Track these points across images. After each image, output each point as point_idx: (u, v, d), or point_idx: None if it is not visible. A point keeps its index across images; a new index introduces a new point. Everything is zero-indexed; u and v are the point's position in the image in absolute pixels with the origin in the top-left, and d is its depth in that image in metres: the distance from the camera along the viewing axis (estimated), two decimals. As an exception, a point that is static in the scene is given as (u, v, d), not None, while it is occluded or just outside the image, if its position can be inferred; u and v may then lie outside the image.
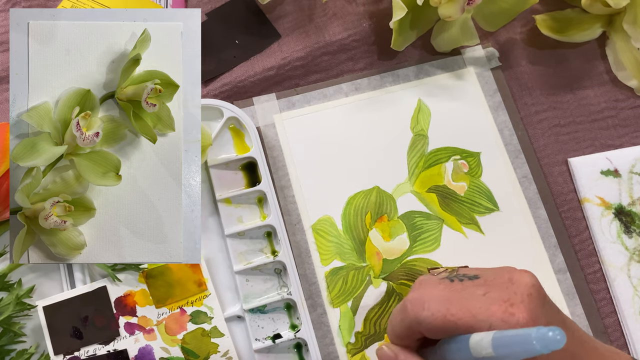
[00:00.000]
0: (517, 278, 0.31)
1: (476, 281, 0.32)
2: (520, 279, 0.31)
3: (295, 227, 0.44)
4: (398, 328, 0.33)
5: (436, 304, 0.31)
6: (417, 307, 0.31)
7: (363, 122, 0.47)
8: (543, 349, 0.25)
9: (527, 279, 0.31)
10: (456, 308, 0.30)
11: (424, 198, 0.45)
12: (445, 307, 0.30)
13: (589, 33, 0.49)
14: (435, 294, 0.32)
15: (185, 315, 0.41)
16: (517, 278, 0.31)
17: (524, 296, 0.30)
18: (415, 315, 0.31)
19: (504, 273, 0.32)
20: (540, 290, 0.31)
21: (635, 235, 0.44)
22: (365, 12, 0.50)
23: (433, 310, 0.30)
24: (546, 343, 0.25)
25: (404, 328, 0.32)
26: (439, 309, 0.30)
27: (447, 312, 0.30)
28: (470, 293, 0.31)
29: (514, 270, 0.32)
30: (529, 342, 0.26)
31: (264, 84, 0.48)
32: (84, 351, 0.40)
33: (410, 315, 0.31)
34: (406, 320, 0.32)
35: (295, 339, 0.41)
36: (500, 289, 0.31)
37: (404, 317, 0.32)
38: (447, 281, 0.33)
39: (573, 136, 0.48)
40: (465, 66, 0.49)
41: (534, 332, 0.26)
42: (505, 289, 0.31)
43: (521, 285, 0.31)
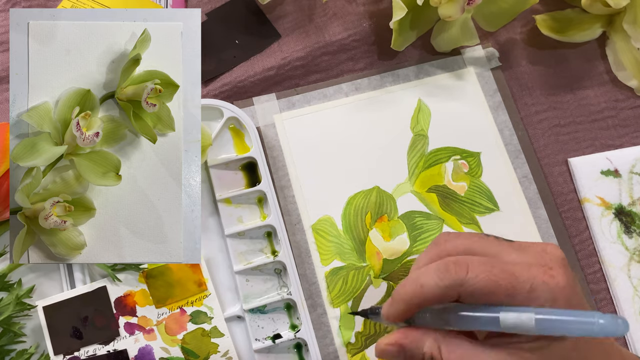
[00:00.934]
0: (550, 249, 0.32)
1: (511, 243, 0.32)
2: (554, 251, 0.31)
3: (295, 227, 0.44)
4: (433, 289, 0.31)
5: (478, 265, 0.30)
6: (462, 268, 0.30)
7: (363, 122, 0.47)
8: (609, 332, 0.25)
9: (560, 252, 0.31)
10: (498, 269, 0.30)
11: (424, 198, 0.45)
12: (488, 268, 0.30)
13: (589, 33, 0.49)
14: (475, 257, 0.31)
15: (185, 315, 0.41)
16: (550, 249, 0.31)
17: (560, 264, 0.30)
18: (459, 277, 0.30)
19: (537, 244, 0.32)
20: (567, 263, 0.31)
21: (635, 235, 0.44)
22: (365, 12, 0.50)
23: (478, 272, 0.30)
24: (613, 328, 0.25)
25: (442, 288, 0.31)
26: (483, 270, 0.30)
27: (489, 273, 0.29)
28: (508, 256, 0.31)
29: (547, 244, 0.32)
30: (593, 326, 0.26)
31: (264, 84, 0.48)
32: (84, 351, 0.40)
33: (453, 275, 0.30)
34: (447, 280, 0.30)
35: (295, 339, 0.41)
36: (535, 256, 0.31)
37: (445, 277, 0.31)
38: (483, 235, 0.33)
39: (573, 136, 0.48)
40: (465, 66, 0.49)
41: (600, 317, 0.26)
42: (540, 258, 0.31)
43: (555, 255, 0.31)
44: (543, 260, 0.30)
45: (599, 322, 0.26)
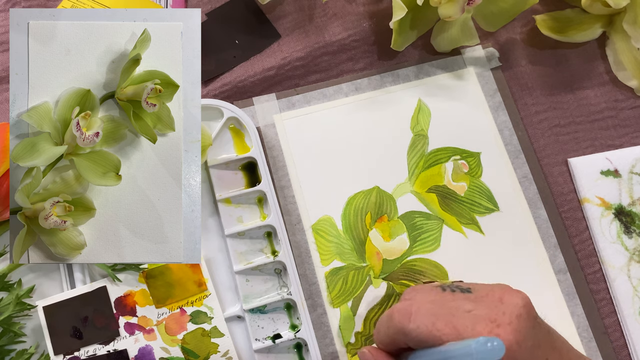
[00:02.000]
0: (507, 298, 0.31)
1: (467, 295, 0.32)
2: (511, 300, 0.31)
3: (295, 227, 0.44)
4: (383, 335, 0.33)
5: (423, 316, 0.30)
6: (404, 318, 0.31)
7: (363, 122, 0.47)
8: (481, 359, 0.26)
9: (518, 299, 0.31)
10: (442, 323, 0.30)
11: (424, 198, 0.45)
12: (432, 321, 0.30)
13: (589, 33, 0.49)
14: (424, 305, 0.31)
15: (185, 315, 0.41)
16: (508, 298, 0.31)
17: (512, 317, 0.30)
18: (401, 326, 0.31)
19: (496, 291, 0.32)
20: (530, 312, 0.31)
21: (635, 235, 0.44)
22: (365, 12, 0.50)
23: (419, 323, 0.30)
24: (485, 353, 0.26)
25: (389, 336, 0.32)
26: (425, 322, 0.30)
27: (432, 327, 0.30)
28: (458, 307, 0.31)
29: (507, 290, 0.32)
30: (470, 354, 0.27)
31: (264, 84, 0.48)
32: (84, 351, 0.40)
33: (396, 325, 0.31)
34: (392, 329, 0.32)
35: (295, 339, 0.41)
36: (489, 307, 0.30)
37: (390, 325, 0.32)
38: (439, 289, 0.33)
39: (573, 136, 0.48)
40: (465, 66, 0.49)
41: (474, 342, 0.26)
42: (494, 308, 0.30)
43: (510, 305, 0.30)
44: (494, 314, 0.30)
45: (473, 347, 0.27)
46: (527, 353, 0.29)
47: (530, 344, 0.30)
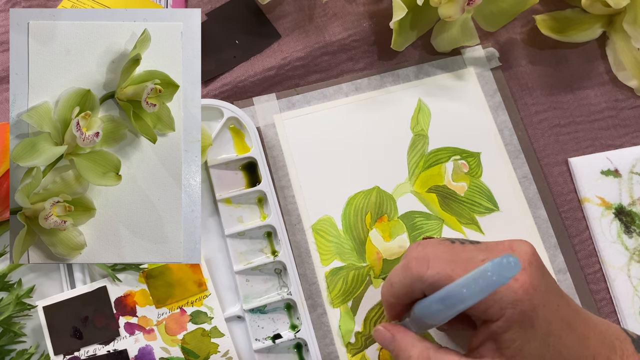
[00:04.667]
0: (517, 246, 0.32)
1: (478, 245, 0.33)
2: (521, 248, 0.32)
3: (295, 227, 0.44)
4: (398, 286, 0.33)
5: (441, 263, 0.31)
6: (422, 265, 0.31)
7: (363, 122, 0.47)
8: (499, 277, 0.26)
9: (527, 247, 0.32)
10: (460, 268, 0.30)
11: (424, 198, 0.45)
12: (450, 267, 0.31)
13: (589, 33, 0.49)
14: (439, 254, 0.32)
15: (185, 315, 0.41)
16: (517, 246, 0.32)
17: (525, 263, 0.31)
18: (419, 274, 0.31)
19: (504, 241, 0.33)
20: (539, 261, 0.32)
21: (635, 235, 0.44)
22: (365, 12, 0.50)
23: (438, 269, 0.31)
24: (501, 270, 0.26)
25: (405, 286, 0.32)
26: (444, 268, 0.31)
27: (452, 272, 0.30)
28: (472, 257, 0.31)
29: (514, 240, 0.33)
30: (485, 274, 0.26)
31: (264, 84, 0.48)
32: (84, 351, 0.40)
33: (414, 273, 0.31)
34: (409, 278, 0.32)
35: (295, 339, 0.41)
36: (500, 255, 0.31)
37: (406, 274, 0.32)
38: (448, 242, 0.33)
39: (573, 136, 0.48)
40: (465, 66, 0.49)
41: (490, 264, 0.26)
42: None
43: (522, 253, 0.31)
44: None
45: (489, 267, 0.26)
46: (542, 297, 0.30)
47: (543, 289, 0.30)
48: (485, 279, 0.26)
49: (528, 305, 0.30)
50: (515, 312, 0.30)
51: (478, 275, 0.27)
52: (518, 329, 0.30)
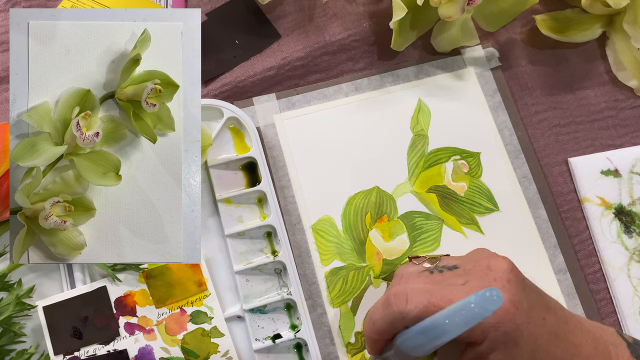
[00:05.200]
0: (494, 265, 0.32)
1: (455, 271, 0.33)
2: (498, 265, 0.32)
3: (295, 227, 0.44)
4: (380, 322, 0.33)
5: (418, 296, 0.31)
6: (401, 300, 0.32)
7: (363, 122, 0.47)
8: (482, 310, 0.26)
9: (504, 264, 0.32)
10: (437, 298, 0.30)
11: (424, 198, 0.45)
12: (427, 298, 0.31)
13: (589, 33, 0.49)
14: (417, 286, 0.32)
15: (185, 315, 0.41)
16: (495, 265, 0.32)
17: (503, 282, 0.31)
18: (399, 309, 0.31)
19: (481, 261, 0.33)
20: (518, 275, 0.32)
21: (635, 235, 0.44)
22: (365, 12, 0.50)
23: (416, 303, 0.31)
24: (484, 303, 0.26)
25: (387, 322, 0.33)
26: (421, 300, 0.31)
27: (428, 303, 0.30)
28: (451, 283, 0.32)
29: (491, 257, 0.33)
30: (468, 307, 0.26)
31: (264, 84, 0.48)
32: (84, 351, 0.40)
33: (394, 309, 0.32)
34: (390, 314, 0.32)
35: (295, 339, 0.41)
36: (479, 276, 0.31)
37: (387, 311, 0.32)
38: (427, 273, 0.34)
39: (573, 136, 0.48)
40: (465, 66, 0.49)
41: (473, 296, 0.26)
42: (484, 276, 0.31)
43: (499, 271, 0.31)
44: (486, 282, 0.31)
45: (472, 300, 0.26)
46: (524, 315, 0.30)
47: (525, 305, 0.30)
48: (468, 311, 0.26)
49: (510, 326, 0.29)
50: (498, 334, 0.29)
51: (461, 308, 0.27)
52: (503, 350, 0.30)
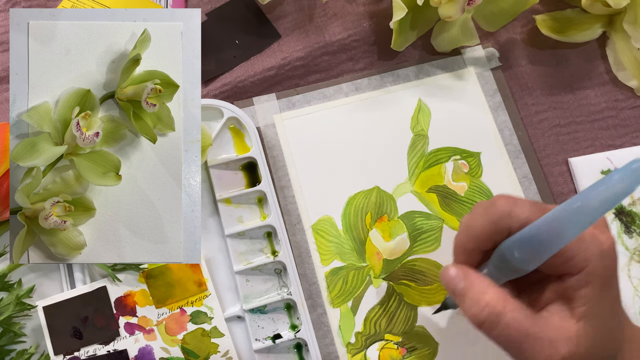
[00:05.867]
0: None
1: None
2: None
3: (295, 227, 0.44)
4: (479, 226, 0.31)
5: (528, 205, 0.30)
6: (509, 201, 0.30)
7: (363, 122, 0.47)
8: (631, 183, 0.24)
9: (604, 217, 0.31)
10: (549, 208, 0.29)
11: (424, 198, 0.45)
12: (536, 210, 0.29)
13: (589, 33, 0.49)
14: (526, 200, 0.31)
15: (185, 315, 0.41)
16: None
17: (606, 225, 0.30)
18: (508, 209, 0.30)
19: None
20: None
21: (635, 235, 0.44)
22: (365, 12, 0.50)
23: (525, 210, 0.29)
24: (632, 175, 0.24)
25: (491, 223, 0.30)
26: (530, 210, 0.29)
27: (537, 215, 0.29)
28: None
29: None
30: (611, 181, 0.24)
31: (264, 84, 0.48)
32: (84, 351, 0.40)
33: (501, 209, 0.30)
34: (495, 214, 0.30)
35: (295, 339, 0.41)
36: None
37: (491, 211, 0.30)
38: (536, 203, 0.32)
39: (573, 136, 0.48)
40: (465, 66, 0.49)
41: (618, 170, 0.24)
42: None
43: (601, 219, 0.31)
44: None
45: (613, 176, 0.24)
46: (617, 261, 0.30)
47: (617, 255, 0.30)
48: (610, 185, 0.23)
49: (611, 262, 0.28)
50: (598, 266, 0.28)
51: (599, 184, 0.24)
52: (597, 285, 0.28)
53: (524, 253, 0.28)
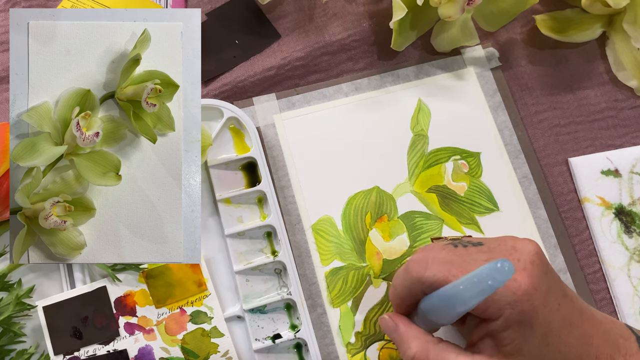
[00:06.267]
0: (520, 246, 0.32)
1: (480, 247, 0.33)
2: (524, 247, 0.32)
3: (295, 227, 0.44)
4: (400, 288, 0.34)
5: (438, 265, 0.31)
6: (420, 267, 0.32)
7: (363, 122, 0.47)
8: (494, 281, 0.26)
9: (530, 247, 0.32)
10: (458, 270, 0.31)
11: (424, 198, 0.45)
12: (447, 268, 0.31)
13: (589, 33, 0.49)
14: (438, 256, 0.32)
15: (185, 315, 0.41)
16: (520, 246, 0.32)
17: (526, 263, 0.31)
18: (417, 275, 0.32)
19: (507, 241, 0.33)
20: (542, 258, 0.32)
21: (635, 235, 0.44)
22: (365, 12, 0.50)
23: (435, 271, 0.31)
24: (495, 274, 0.26)
25: (406, 288, 0.33)
26: (441, 270, 0.31)
27: (448, 274, 0.31)
28: (473, 258, 0.32)
29: (517, 239, 0.33)
30: (481, 276, 0.26)
31: (264, 84, 0.48)
32: (83, 351, 0.40)
33: (413, 275, 0.32)
34: (408, 280, 0.32)
35: (295, 339, 0.41)
36: (503, 255, 0.31)
37: (406, 277, 0.33)
38: (451, 246, 0.33)
39: (573, 136, 0.48)
40: (465, 66, 0.49)
41: (485, 267, 0.26)
42: (508, 256, 0.31)
43: (524, 252, 0.31)
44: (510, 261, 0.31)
45: (484, 270, 0.26)
46: (542, 298, 0.30)
47: (544, 289, 0.30)
48: (480, 281, 0.26)
49: (527, 306, 0.30)
50: (514, 313, 0.30)
51: (474, 277, 0.27)
52: (517, 329, 0.30)
53: (433, 314, 0.31)
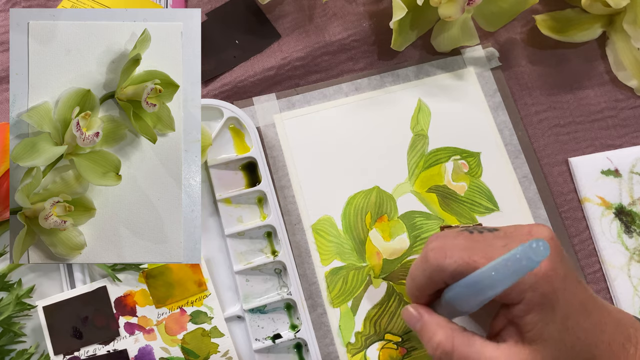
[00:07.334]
0: (536, 231, 0.32)
1: (496, 233, 0.33)
2: (540, 232, 0.32)
3: (295, 227, 0.44)
4: (420, 278, 0.33)
5: (458, 251, 0.31)
6: (439, 255, 0.31)
7: (363, 122, 0.47)
8: (529, 262, 0.26)
9: (546, 232, 0.32)
10: (478, 255, 0.30)
11: (424, 198, 0.45)
12: (467, 254, 0.31)
13: (589, 33, 0.49)
14: (456, 243, 0.32)
15: (185, 315, 0.41)
16: (536, 231, 0.32)
17: None
18: (437, 263, 0.31)
19: (523, 227, 0.33)
20: (557, 244, 0.32)
21: (635, 235, 0.44)
22: (365, 12, 0.51)
23: (456, 257, 0.31)
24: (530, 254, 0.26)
25: (426, 277, 0.33)
26: (462, 256, 0.31)
27: (469, 259, 0.30)
28: (491, 244, 0.32)
29: (532, 225, 0.33)
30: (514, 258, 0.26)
31: (264, 84, 0.48)
32: (84, 351, 0.40)
33: (432, 263, 0.32)
34: (428, 269, 0.32)
35: (295, 339, 0.41)
36: (520, 240, 0.31)
37: (425, 266, 0.32)
38: (466, 233, 0.33)
39: (573, 136, 0.48)
40: (465, 66, 0.49)
41: (519, 247, 0.26)
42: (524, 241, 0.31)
43: (540, 236, 0.31)
44: None
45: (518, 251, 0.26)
46: (561, 281, 0.30)
47: (562, 273, 0.30)
48: (514, 263, 0.26)
49: (548, 288, 0.30)
50: (535, 295, 0.29)
51: (507, 260, 0.26)
52: (539, 312, 0.30)
53: (459, 302, 0.31)
